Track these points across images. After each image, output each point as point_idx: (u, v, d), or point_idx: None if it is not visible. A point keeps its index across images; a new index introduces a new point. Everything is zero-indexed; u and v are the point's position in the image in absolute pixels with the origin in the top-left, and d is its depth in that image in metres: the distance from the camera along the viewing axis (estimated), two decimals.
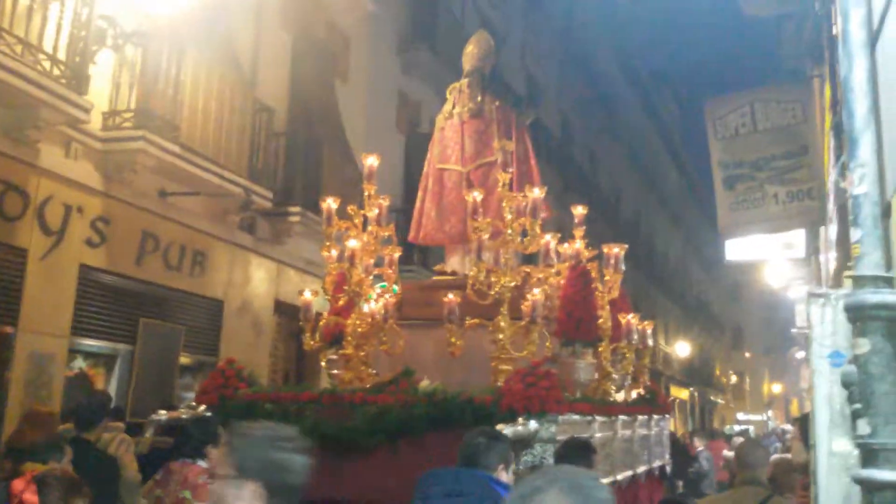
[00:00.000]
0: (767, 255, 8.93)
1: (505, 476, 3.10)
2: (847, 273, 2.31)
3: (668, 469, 7.47)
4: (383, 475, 4.70)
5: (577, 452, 3.54)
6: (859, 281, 2.09)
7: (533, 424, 4.45)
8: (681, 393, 34.94)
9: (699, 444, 12.35)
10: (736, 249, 9.00)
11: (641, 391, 7.16)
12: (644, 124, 34.86)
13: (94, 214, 7.91)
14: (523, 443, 4.41)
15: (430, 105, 15.81)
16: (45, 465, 4.27)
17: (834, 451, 2.27)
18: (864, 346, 2.03)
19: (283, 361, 11.58)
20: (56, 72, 6.96)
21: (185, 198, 8.95)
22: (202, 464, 3.90)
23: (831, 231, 4.44)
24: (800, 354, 17.57)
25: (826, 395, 2.34)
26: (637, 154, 33.40)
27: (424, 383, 5.22)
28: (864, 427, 2.03)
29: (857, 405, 2.05)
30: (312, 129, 11.36)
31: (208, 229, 9.53)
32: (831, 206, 3.79)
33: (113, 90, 8.09)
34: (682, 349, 33.88)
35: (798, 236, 8.44)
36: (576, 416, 5.00)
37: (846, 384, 2.08)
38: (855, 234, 2.14)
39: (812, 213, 5.02)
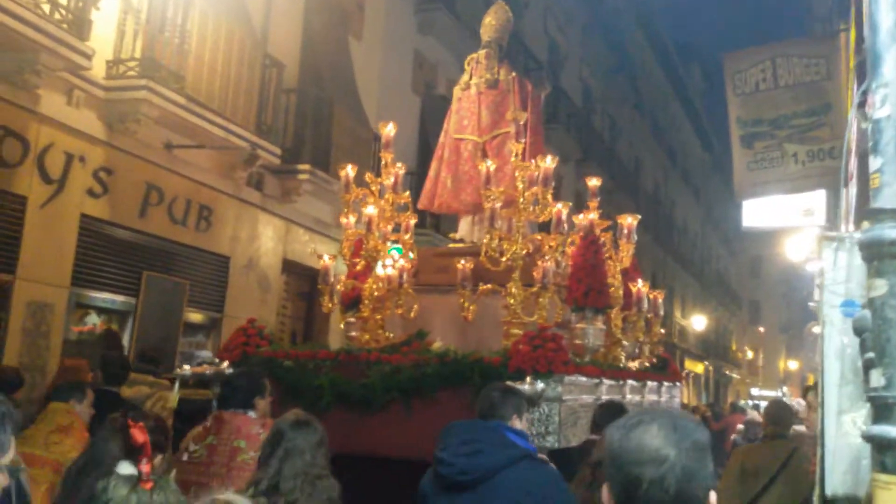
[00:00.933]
0: (786, 221, 8.61)
1: (519, 424, 3.26)
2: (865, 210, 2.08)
3: None
4: (397, 430, 4.85)
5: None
6: (878, 215, 1.86)
7: (539, 384, 4.56)
8: (696, 367, 34.73)
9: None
10: (753, 216, 8.68)
11: (653, 359, 7.20)
12: (667, 95, 34.29)
13: (96, 164, 7.77)
14: (530, 401, 4.45)
15: (447, 67, 15.51)
16: (67, 404, 4.53)
17: (843, 409, 2.07)
18: (881, 287, 1.81)
19: (290, 321, 11.49)
20: (57, 16, 6.80)
21: (190, 151, 8.80)
22: (252, 414, 3.97)
23: (852, 191, 4.20)
24: (817, 329, 17.29)
25: (837, 348, 2.12)
26: (659, 125, 32.88)
27: (437, 345, 5.35)
28: (877, 379, 1.81)
29: (871, 354, 1.83)
30: (324, 86, 11.14)
31: (215, 184, 9.38)
32: (853, 162, 3.55)
33: (118, 38, 7.92)
34: (698, 323, 33.59)
35: (818, 201, 8.13)
36: (583, 378, 5.09)
37: (859, 331, 1.86)
38: (874, 162, 1.91)
39: (833, 174, 4.76)
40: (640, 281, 6.76)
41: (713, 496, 1.50)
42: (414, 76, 14.37)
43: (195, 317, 9.52)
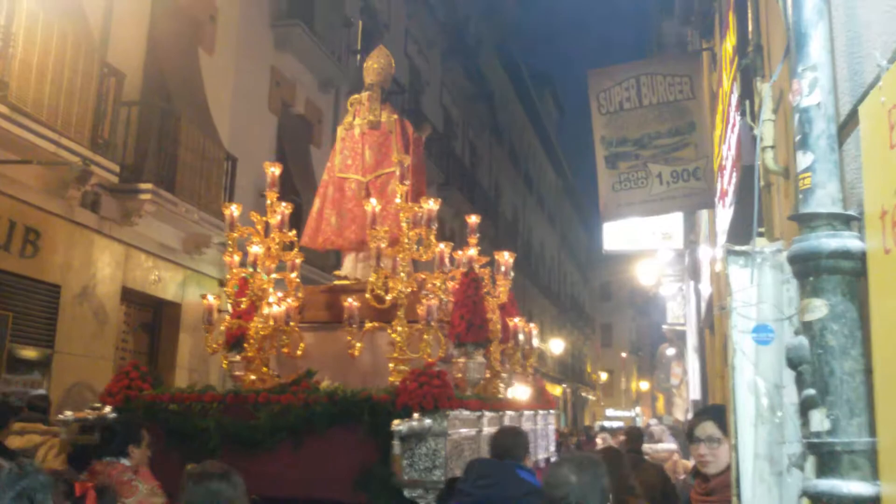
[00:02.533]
0: (645, 244, 8.72)
1: (529, 462, 3.78)
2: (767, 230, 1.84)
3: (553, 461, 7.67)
4: (286, 470, 4.97)
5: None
6: (811, 220, 1.57)
7: (427, 421, 4.73)
8: (554, 389, 35.39)
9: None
10: (614, 239, 8.76)
11: (530, 389, 7.67)
12: (523, 122, 35.13)
13: None
14: (418, 437, 4.74)
15: (305, 85, 15.02)
16: None
17: (760, 453, 1.80)
18: (819, 309, 1.53)
19: (131, 355, 10.54)
20: None
21: (14, 167, 7.86)
22: (126, 462, 4.08)
23: (720, 215, 4.13)
24: (670, 351, 17.88)
25: (750, 381, 1.83)
26: (516, 152, 33.58)
27: (325, 383, 5.48)
28: (819, 421, 1.52)
29: (810, 391, 1.53)
30: (170, 100, 10.40)
31: (43, 204, 8.44)
32: (726, 184, 3.45)
33: None
34: (556, 346, 34.33)
35: (676, 225, 8.31)
36: (466, 412, 5.29)
37: (794, 362, 1.59)
38: (804, 159, 1.63)
39: (698, 195, 4.71)
40: (516, 316, 7.16)
41: None
42: (271, 94, 13.77)
43: (27, 353, 8.49)
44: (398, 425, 4.61)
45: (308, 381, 5.44)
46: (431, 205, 6.21)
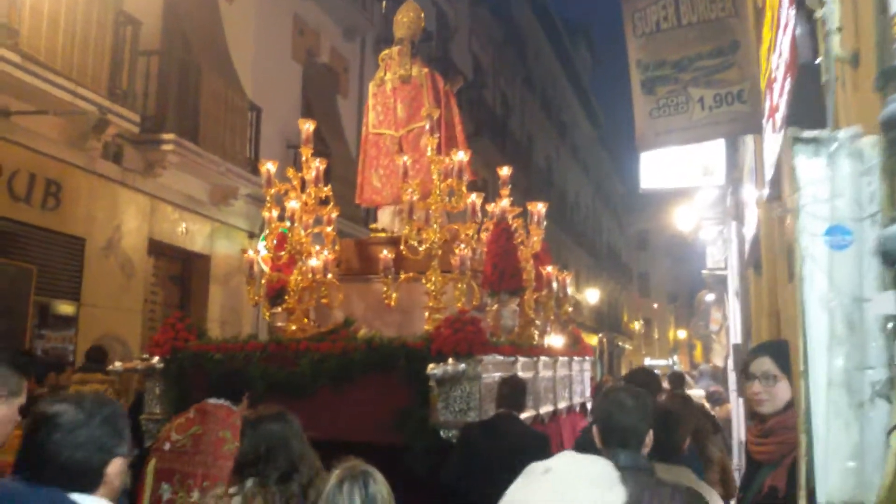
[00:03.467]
0: (685, 181, 8.30)
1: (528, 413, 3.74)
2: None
3: (588, 406, 7.93)
4: (328, 414, 5.05)
5: (512, 389, 4.49)
6: None
7: (461, 365, 4.88)
8: (591, 339, 35.14)
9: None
10: (652, 177, 8.36)
11: (565, 337, 7.76)
12: (556, 72, 34.30)
13: None
14: (452, 380, 4.92)
15: (329, 34, 14.65)
16: None
17: (835, 380, 1.50)
18: None
19: (162, 308, 10.49)
20: None
21: (31, 118, 7.70)
22: (234, 408, 4.16)
23: (769, 142, 3.76)
24: (709, 297, 17.44)
25: (823, 293, 1.56)
26: (549, 101, 32.84)
27: (363, 332, 5.68)
28: None
29: None
30: (190, 50, 10.14)
31: (63, 156, 8.29)
32: (777, 97, 3.09)
33: None
34: (591, 296, 33.98)
35: (718, 159, 7.89)
36: (500, 357, 5.42)
37: (889, 255, 1.31)
38: None
39: (743, 119, 4.33)
40: (549, 265, 7.25)
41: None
42: (294, 43, 13.43)
43: (63, 308, 8.43)
44: (433, 369, 4.80)
45: (346, 329, 5.66)
46: (461, 156, 6.31)
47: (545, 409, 6.36)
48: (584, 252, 36.04)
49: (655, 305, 50.96)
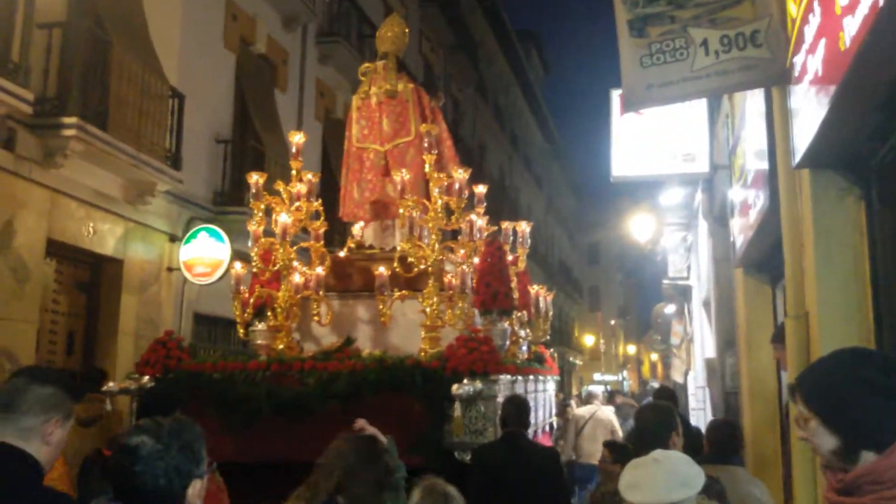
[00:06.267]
0: (663, 168, 7.38)
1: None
2: None
3: (556, 425, 8.13)
4: (334, 436, 4.58)
5: (518, 408, 4.68)
6: None
7: (478, 385, 4.95)
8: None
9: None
10: (624, 164, 7.43)
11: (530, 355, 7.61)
12: (509, 80, 33.60)
13: None
14: (470, 401, 4.99)
15: (267, 22, 13.51)
16: None
17: None
18: None
19: (66, 318, 9.20)
20: None
21: None
22: None
23: (798, 100, 2.83)
24: (668, 309, 16.67)
25: None
26: (502, 111, 32.09)
27: (366, 352, 5.79)
28: None
29: None
30: (100, 24, 8.94)
31: None
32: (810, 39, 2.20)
33: None
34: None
35: (701, 144, 6.99)
36: (509, 377, 5.57)
37: None
38: None
39: (760, 67, 3.40)
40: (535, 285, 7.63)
41: None
42: (227, 29, 12.25)
43: None
44: (458, 389, 4.89)
45: (349, 348, 5.76)
46: (461, 174, 6.40)
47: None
48: (537, 266, 35.28)
49: (612, 322, 50.58)
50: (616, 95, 7.62)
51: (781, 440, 5.95)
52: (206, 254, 10.42)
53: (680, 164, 7.04)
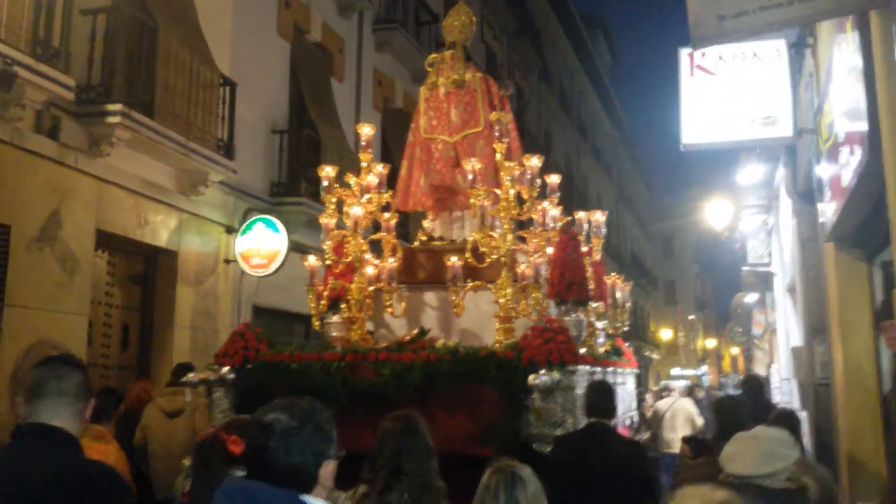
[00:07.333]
0: (740, 134, 6.62)
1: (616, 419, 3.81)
2: None
3: (635, 419, 7.93)
4: None
5: (603, 394, 4.59)
6: None
7: (556, 375, 4.86)
8: None
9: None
10: (695, 131, 6.72)
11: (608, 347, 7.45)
12: (574, 66, 32.74)
13: None
14: (548, 391, 4.88)
15: (321, 9, 13.21)
16: None
17: None
18: None
19: (119, 311, 9.05)
20: None
21: None
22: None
23: None
24: (749, 298, 15.73)
25: None
26: (568, 98, 31.26)
27: (440, 342, 5.77)
28: None
29: None
30: (146, 9, 8.73)
31: None
32: None
33: None
34: None
35: (783, 105, 6.27)
36: (588, 368, 5.46)
37: None
38: None
39: None
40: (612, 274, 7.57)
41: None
42: (280, 16, 11.99)
43: None
44: (535, 379, 4.81)
45: (423, 339, 5.76)
46: (535, 162, 6.26)
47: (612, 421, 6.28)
48: (610, 259, 34.30)
49: (691, 317, 49.02)
50: (685, 55, 6.95)
51: (885, 435, 5.23)
52: (263, 245, 10.19)
53: (759, 129, 6.32)
